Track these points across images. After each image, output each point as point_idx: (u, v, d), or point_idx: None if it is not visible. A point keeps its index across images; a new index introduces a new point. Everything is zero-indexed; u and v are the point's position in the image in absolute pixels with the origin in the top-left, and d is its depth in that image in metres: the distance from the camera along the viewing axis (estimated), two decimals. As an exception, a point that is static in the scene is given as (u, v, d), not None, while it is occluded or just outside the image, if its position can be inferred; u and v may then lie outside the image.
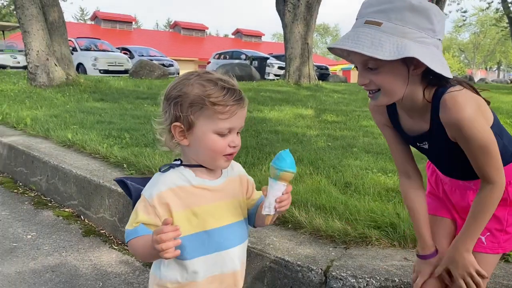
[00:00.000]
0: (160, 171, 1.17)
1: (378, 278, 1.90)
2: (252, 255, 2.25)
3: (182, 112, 1.12)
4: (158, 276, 1.19)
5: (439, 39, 1.18)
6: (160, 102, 1.21)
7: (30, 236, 3.09)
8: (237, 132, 1.18)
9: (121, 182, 1.27)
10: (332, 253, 2.16)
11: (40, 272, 2.59)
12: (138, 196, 1.18)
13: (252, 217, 1.31)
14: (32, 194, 3.96)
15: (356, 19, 1.22)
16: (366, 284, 1.90)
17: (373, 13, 1.16)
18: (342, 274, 1.94)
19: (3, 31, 23.50)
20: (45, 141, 4.67)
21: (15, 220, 3.37)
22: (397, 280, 1.88)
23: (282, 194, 1.13)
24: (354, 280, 1.91)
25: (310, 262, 2.06)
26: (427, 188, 1.60)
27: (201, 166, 1.18)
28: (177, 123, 1.13)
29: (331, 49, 1.25)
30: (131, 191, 1.23)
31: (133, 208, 1.18)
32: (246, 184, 1.30)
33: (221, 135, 1.13)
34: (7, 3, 39.05)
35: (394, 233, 2.28)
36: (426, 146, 1.36)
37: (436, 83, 1.22)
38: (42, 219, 3.41)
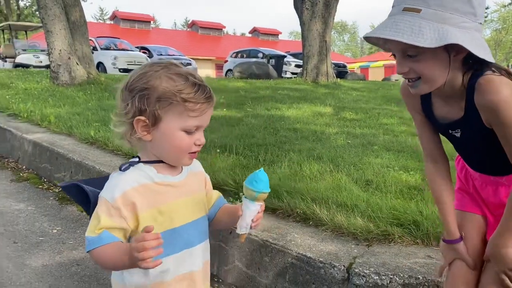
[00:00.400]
0: (120, 170, 1.10)
1: (401, 275, 1.89)
2: (273, 251, 2.26)
3: (148, 106, 1.05)
4: (121, 282, 1.13)
5: (480, 23, 1.16)
6: (118, 91, 1.13)
7: (55, 231, 3.17)
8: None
9: (72, 187, 1.16)
10: (355, 250, 2.16)
11: (66, 265, 2.66)
12: (96, 200, 1.09)
13: (211, 217, 1.28)
14: (57, 190, 4.05)
15: (393, 6, 1.20)
16: (390, 281, 1.89)
17: (411, 0, 1.14)
18: (365, 271, 1.94)
19: (26, 31, 23.99)
20: (68, 138, 4.77)
21: (40, 215, 3.46)
22: (421, 278, 1.87)
23: (258, 213, 1.15)
24: (377, 277, 1.91)
25: (333, 259, 2.06)
26: (457, 184, 1.58)
27: (161, 162, 1.13)
28: (141, 117, 1.06)
29: (367, 38, 1.23)
30: (89, 195, 1.14)
31: (90, 214, 1.11)
32: (204, 180, 1.27)
33: (188, 132, 1.09)
34: (29, 3, 39.85)
35: (417, 231, 2.26)
36: (458, 134, 1.33)
37: (477, 68, 1.19)
38: (67, 214, 3.48)
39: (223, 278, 2.53)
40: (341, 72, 20.02)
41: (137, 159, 1.14)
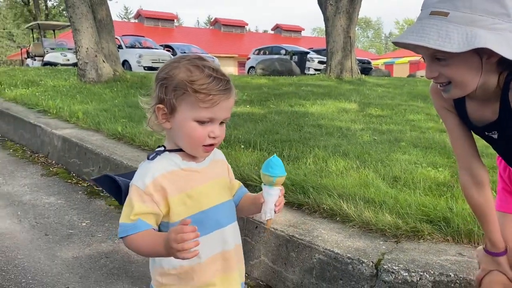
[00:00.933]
0: (148, 159, 1.15)
1: (432, 272, 1.86)
2: (300, 246, 2.25)
3: (166, 95, 1.10)
4: (159, 265, 1.17)
5: None
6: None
7: (84, 224, 3.23)
8: (222, 123, 1.15)
9: (104, 178, 1.20)
10: (383, 247, 2.13)
11: (95, 257, 2.71)
12: (127, 190, 1.14)
13: (235, 204, 1.31)
14: (85, 184, 4.13)
15: (421, 10, 1.17)
16: (420, 278, 1.86)
17: (438, 3, 1.10)
18: (394, 267, 1.91)
19: (54, 30, 24.58)
20: (96, 134, 4.86)
21: (70, 208, 3.54)
22: (452, 275, 1.83)
23: (279, 197, 1.20)
24: (406, 274, 1.88)
25: (361, 255, 2.04)
26: (499, 184, 1.52)
27: (182, 150, 1.17)
28: (161, 105, 1.12)
29: (395, 43, 1.20)
30: (121, 185, 1.18)
31: (122, 204, 1.15)
32: (227, 168, 1.31)
33: (201, 124, 1.11)
34: (57, 3, 40.77)
35: (447, 228, 2.21)
36: (496, 136, 1.29)
37: None
38: (95, 208, 3.56)
39: (249, 273, 2.54)
40: (365, 68, 19.78)
41: (162, 148, 1.18)
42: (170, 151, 1.17)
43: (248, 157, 3.59)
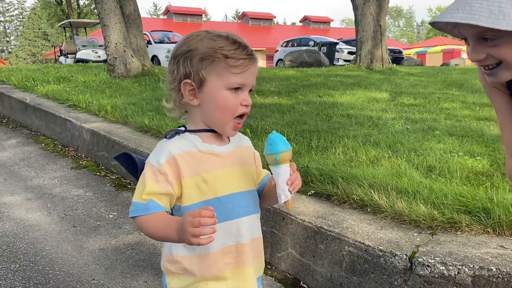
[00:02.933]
0: (166, 137, 1.10)
1: (471, 266, 1.73)
2: (329, 238, 2.16)
3: (192, 68, 1.05)
4: (168, 252, 1.12)
5: None
6: (167, 65, 1.14)
7: (112, 216, 3.24)
8: (249, 91, 1.10)
9: (123, 156, 1.20)
10: (417, 239, 2.01)
11: (121, 249, 2.70)
12: (143, 167, 1.10)
13: (258, 195, 1.22)
14: (113, 177, 4.15)
15: None
16: (458, 272, 1.73)
17: None
18: (430, 260, 1.79)
19: (85, 28, 25.12)
20: (124, 127, 4.89)
21: (98, 201, 3.55)
22: (494, 269, 1.70)
23: (290, 175, 1.08)
24: (443, 268, 1.76)
25: (393, 247, 1.93)
26: None
27: (207, 131, 1.12)
28: (188, 80, 1.06)
29: (433, 24, 1.07)
30: (137, 163, 1.16)
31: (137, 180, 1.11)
32: (253, 156, 1.23)
33: (233, 91, 1.06)
34: (88, 1, 41.70)
35: (488, 219, 2.06)
36: None
37: None
38: (123, 200, 3.56)
39: (276, 265, 2.46)
40: (396, 58, 19.23)
41: (183, 129, 1.13)
42: (191, 131, 1.12)
43: (275, 147, 3.50)
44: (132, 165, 1.19)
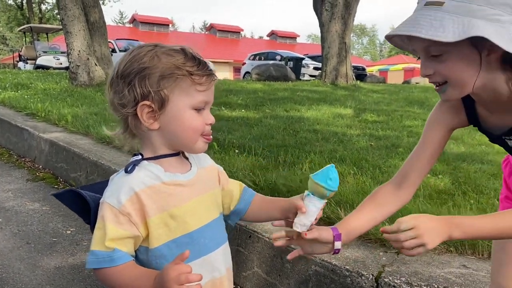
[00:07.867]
0: (126, 171, 0.97)
1: (436, 286, 1.74)
2: (296, 258, 2.12)
3: (151, 87, 0.93)
4: None
5: None
6: (106, 88, 1.00)
7: (69, 232, 3.09)
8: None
9: (67, 193, 1.01)
10: (383, 258, 2.01)
11: (79, 268, 2.56)
12: (97, 207, 0.96)
13: (241, 213, 1.17)
14: (72, 190, 3.98)
15: (417, 2, 1.06)
16: (423, 293, 1.74)
17: None
18: (396, 280, 1.79)
19: (47, 34, 24.42)
20: (85, 138, 4.72)
21: (55, 215, 3.39)
22: (458, 290, 1.71)
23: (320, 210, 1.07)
24: (409, 288, 1.76)
25: (360, 267, 1.92)
26: (502, 192, 1.41)
27: (170, 155, 1.01)
28: (146, 102, 0.94)
29: (390, 40, 1.10)
30: (89, 202, 0.99)
31: (91, 224, 0.98)
32: (217, 174, 1.14)
33: (198, 110, 0.98)
34: (51, 6, 40.60)
35: (451, 238, 2.09)
36: None
37: None
38: (81, 215, 3.41)
39: (242, 285, 2.41)
40: (360, 74, 19.73)
41: (140, 157, 1.00)
42: (149, 159, 0.99)
43: (242, 162, 3.46)
44: (79, 204, 1.01)
